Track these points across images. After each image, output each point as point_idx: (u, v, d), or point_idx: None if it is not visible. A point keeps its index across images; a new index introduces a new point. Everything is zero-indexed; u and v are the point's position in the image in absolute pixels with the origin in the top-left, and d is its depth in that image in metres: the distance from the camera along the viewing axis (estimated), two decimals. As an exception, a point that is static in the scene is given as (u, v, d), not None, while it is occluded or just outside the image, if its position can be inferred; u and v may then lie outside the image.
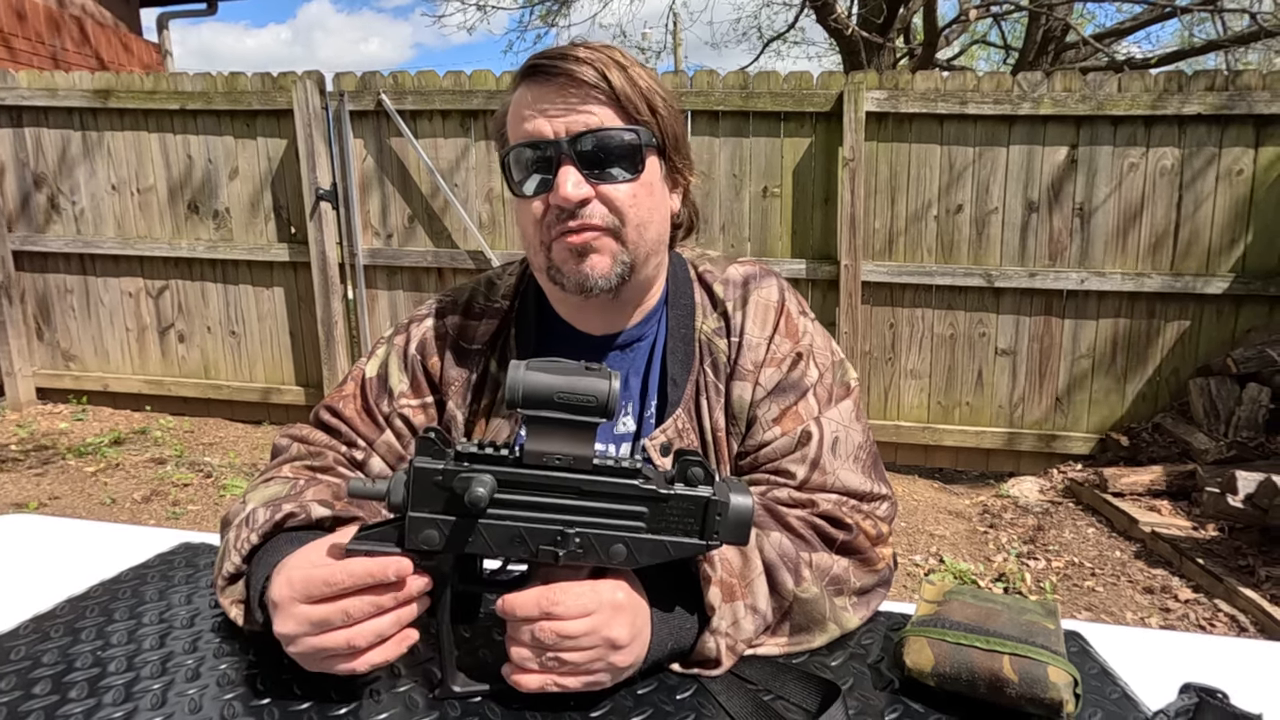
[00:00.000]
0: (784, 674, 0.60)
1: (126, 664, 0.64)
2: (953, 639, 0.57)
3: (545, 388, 0.54)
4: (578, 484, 0.56)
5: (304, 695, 0.60)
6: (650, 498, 0.57)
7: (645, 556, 0.57)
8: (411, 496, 0.55)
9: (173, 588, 0.78)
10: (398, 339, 0.87)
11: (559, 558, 0.56)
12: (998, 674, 0.55)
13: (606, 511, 0.57)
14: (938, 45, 7.85)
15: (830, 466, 0.76)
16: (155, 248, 4.16)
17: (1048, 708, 0.54)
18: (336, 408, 0.85)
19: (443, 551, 0.56)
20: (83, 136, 4.15)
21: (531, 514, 0.56)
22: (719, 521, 0.57)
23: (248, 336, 4.23)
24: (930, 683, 0.58)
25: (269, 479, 0.77)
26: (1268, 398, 3.22)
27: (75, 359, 4.41)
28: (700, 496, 0.57)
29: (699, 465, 0.57)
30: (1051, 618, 0.62)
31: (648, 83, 0.76)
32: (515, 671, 0.57)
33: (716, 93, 3.61)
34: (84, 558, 0.88)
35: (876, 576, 0.72)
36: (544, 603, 0.55)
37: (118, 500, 3.22)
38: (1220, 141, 3.38)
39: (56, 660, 0.65)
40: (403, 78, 3.84)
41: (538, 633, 0.55)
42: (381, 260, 3.99)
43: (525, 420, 0.55)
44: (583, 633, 0.55)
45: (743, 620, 0.63)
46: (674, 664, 0.64)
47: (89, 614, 0.73)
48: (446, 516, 0.56)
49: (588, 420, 0.55)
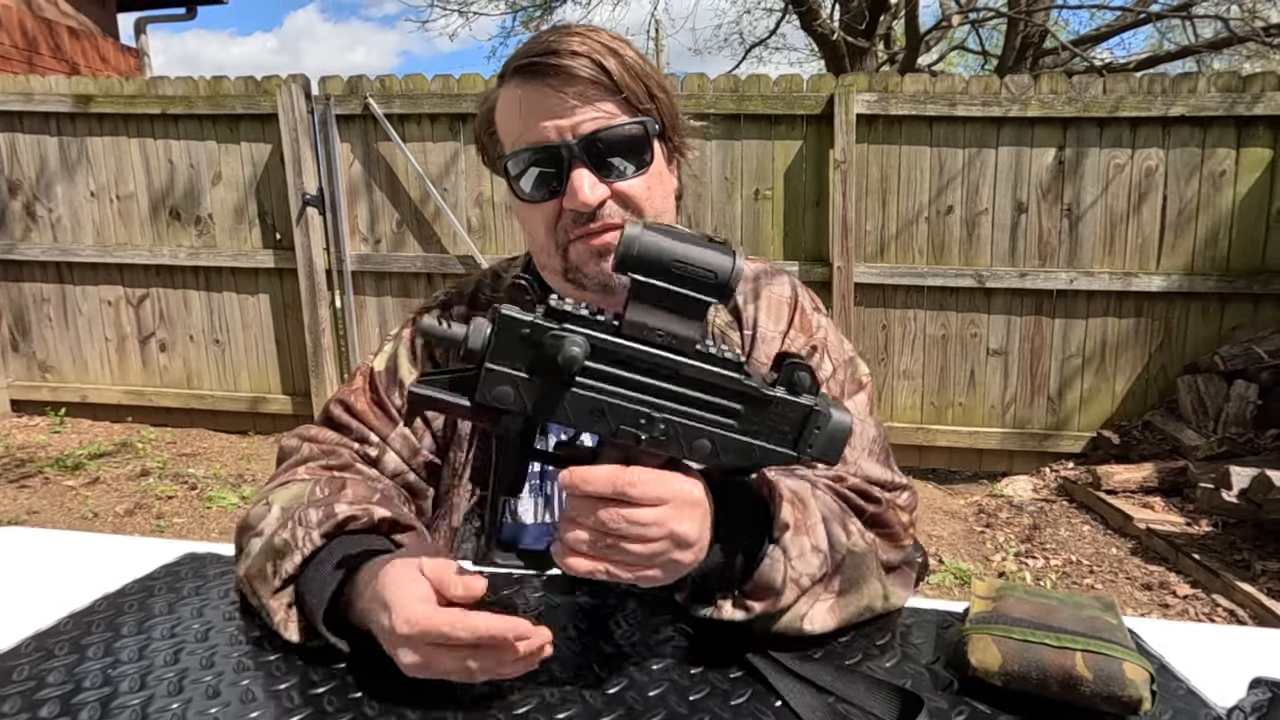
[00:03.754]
0: (853, 680, 0.57)
1: (140, 682, 0.60)
2: (1019, 636, 0.55)
3: (663, 252, 0.49)
4: (676, 367, 0.51)
5: (336, 711, 0.56)
6: (751, 396, 0.52)
7: (729, 457, 0.53)
8: (493, 346, 0.50)
9: (182, 600, 0.74)
10: (405, 332, 0.87)
11: (640, 441, 0.51)
12: (1070, 672, 0.53)
13: (699, 402, 0.52)
14: (919, 51, 7.94)
15: (850, 457, 0.75)
16: (136, 255, 4.06)
17: (1124, 705, 0.52)
18: (348, 401, 0.83)
19: (515, 413, 0.52)
20: (59, 142, 4.05)
21: (618, 389, 0.51)
22: (816, 434, 0.53)
23: (232, 345, 4.15)
24: (996, 682, 0.55)
25: (285, 481, 0.74)
26: (1255, 394, 3.26)
27: (53, 370, 4.30)
28: (803, 404, 0.53)
29: (806, 370, 0.53)
30: (1111, 612, 0.60)
31: (642, 66, 0.75)
32: (567, 553, 0.52)
33: (707, 96, 3.61)
34: (84, 571, 0.83)
35: (903, 553, 0.71)
36: (619, 481, 0.50)
37: (100, 514, 3.13)
38: (1204, 143, 3.43)
39: (64, 679, 0.61)
40: (390, 81, 3.80)
41: (604, 514, 0.50)
42: (370, 266, 3.93)
43: (632, 287, 0.50)
44: (652, 522, 0.51)
45: (808, 554, 0.60)
46: (724, 602, 0.59)
47: (94, 629, 0.69)
48: (527, 375, 0.51)
49: (701, 298, 0.50)
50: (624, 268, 0.50)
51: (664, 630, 0.67)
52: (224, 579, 0.78)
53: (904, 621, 0.69)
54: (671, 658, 0.63)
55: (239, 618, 0.70)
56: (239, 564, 0.70)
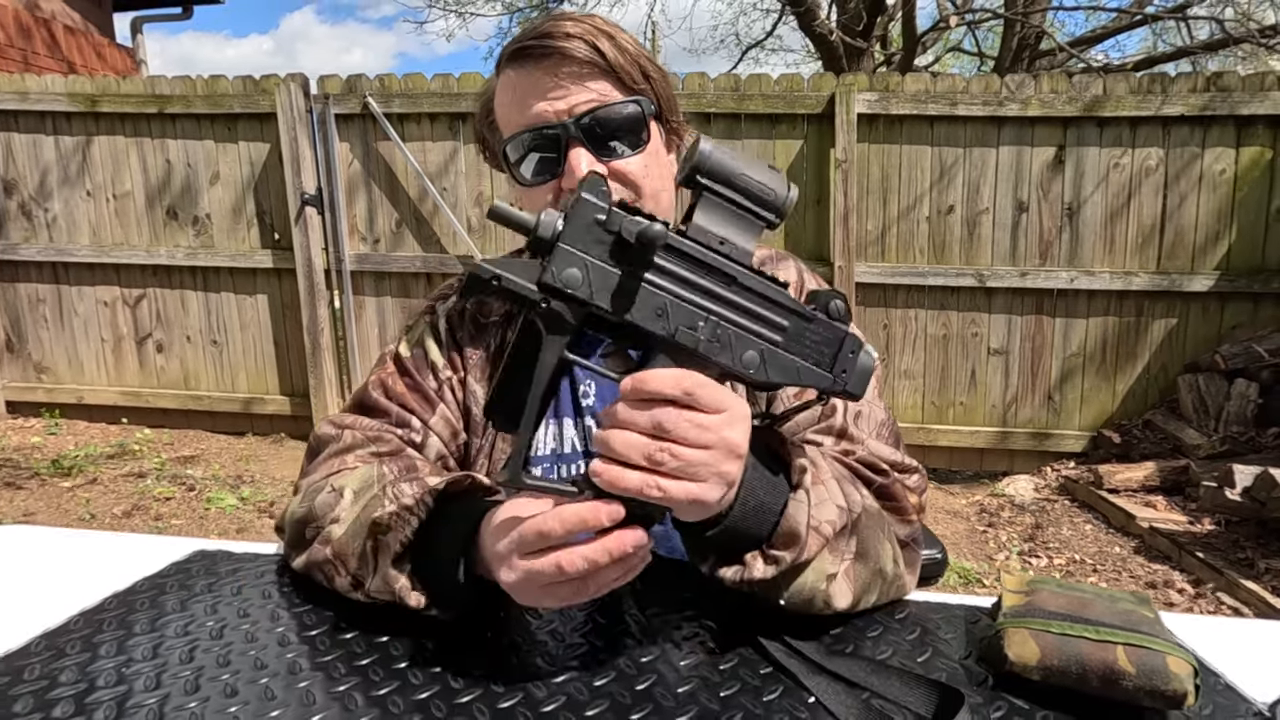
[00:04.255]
0: (888, 675, 0.56)
1: (155, 681, 0.59)
2: (1058, 629, 0.54)
3: (731, 166, 0.52)
4: (735, 274, 0.52)
5: (360, 709, 0.55)
6: (798, 313, 0.54)
7: (774, 372, 0.54)
8: (567, 227, 0.50)
9: (194, 598, 0.73)
10: (425, 318, 0.87)
11: (698, 344, 0.52)
12: (1112, 666, 0.52)
13: (751, 314, 0.53)
14: (915, 52, 7.96)
15: (858, 436, 0.74)
16: (132, 255, 4.03)
17: (1168, 700, 0.51)
18: (387, 384, 0.82)
19: (579, 301, 0.50)
20: (56, 141, 4.02)
21: (681, 290, 0.52)
22: (850, 360, 0.55)
23: (230, 345, 4.12)
24: (1034, 677, 0.54)
25: (338, 470, 0.73)
26: (1255, 392, 3.27)
27: (48, 371, 4.26)
28: (841, 328, 0.55)
29: (840, 298, 0.55)
30: (1146, 606, 0.59)
31: (635, 48, 0.76)
32: (612, 468, 0.50)
33: (708, 95, 3.60)
34: (91, 569, 0.81)
35: (910, 528, 0.71)
36: (686, 382, 0.50)
37: (97, 516, 3.10)
38: (1203, 142, 3.44)
39: (76, 679, 0.59)
40: (389, 80, 3.78)
41: (665, 414, 0.49)
42: (369, 266, 3.91)
43: (701, 193, 0.52)
44: (713, 426, 0.50)
45: (826, 503, 0.59)
46: (754, 560, 0.57)
47: (106, 628, 0.67)
48: (598, 260, 0.50)
49: (761, 214, 0.53)
50: (693, 176, 0.51)
51: (687, 626, 0.65)
52: (236, 576, 0.77)
53: (932, 616, 0.68)
54: (698, 653, 0.61)
55: (253, 615, 0.68)
56: (301, 552, 0.70)
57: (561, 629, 0.65)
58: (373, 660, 0.61)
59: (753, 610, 0.64)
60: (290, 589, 0.73)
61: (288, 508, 0.77)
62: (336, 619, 0.67)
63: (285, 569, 0.77)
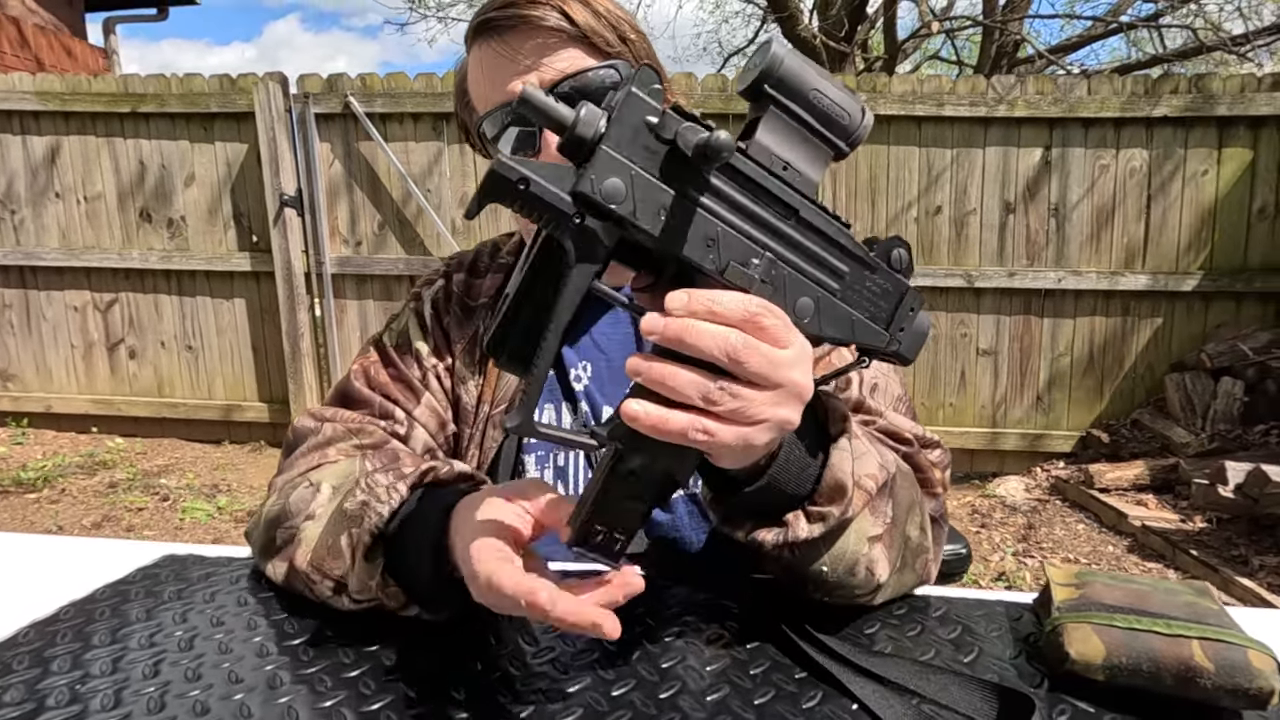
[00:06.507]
0: (941, 679, 0.50)
1: (114, 699, 0.52)
2: (1124, 624, 0.49)
3: (806, 78, 0.43)
4: (798, 206, 0.45)
5: (347, 727, 0.48)
6: (860, 259, 0.47)
7: (827, 324, 0.47)
8: (611, 127, 0.40)
9: (162, 605, 0.66)
10: (410, 304, 0.84)
11: (751, 284, 0.44)
12: (1188, 663, 0.47)
13: (810, 254, 0.46)
14: (897, 59, 8.03)
15: (876, 408, 0.70)
16: (104, 258, 3.91)
17: (1251, 699, 0.46)
18: (369, 372, 0.78)
19: (618, 218, 0.41)
20: (23, 141, 3.90)
21: (736, 218, 0.43)
22: (909, 318, 0.49)
23: (206, 351, 4.00)
24: (1099, 676, 0.49)
25: (319, 464, 0.68)
26: (1241, 390, 3.28)
27: (14, 379, 4.11)
28: (904, 281, 0.49)
29: (905, 248, 0.49)
30: (1208, 597, 0.55)
31: (611, 9, 0.71)
32: (657, 408, 0.41)
33: (695, 95, 3.57)
34: (46, 576, 0.74)
35: (935, 501, 0.67)
36: (753, 305, 0.42)
37: (65, 527, 2.97)
38: (1186, 143, 3.47)
39: (23, 698, 0.52)
40: (371, 80, 3.71)
41: (729, 345, 0.40)
42: (350, 269, 3.82)
43: (770, 106, 0.44)
44: (784, 363, 0.42)
45: (866, 455, 0.53)
46: (796, 520, 0.51)
47: (60, 640, 0.60)
48: (645, 171, 0.41)
49: (831, 139, 0.45)
50: (759, 84, 0.43)
51: (709, 628, 0.60)
52: (209, 581, 0.70)
53: (971, 613, 0.63)
54: (724, 656, 0.56)
55: (228, 623, 0.62)
56: (273, 557, 0.64)
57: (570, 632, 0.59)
58: (362, 671, 0.54)
59: (776, 604, 0.59)
60: (269, 595, 0.67)
61: (260, 509, 0.71)
62: (321, 626, 0.60)
63: (264, 573, 0.71)
